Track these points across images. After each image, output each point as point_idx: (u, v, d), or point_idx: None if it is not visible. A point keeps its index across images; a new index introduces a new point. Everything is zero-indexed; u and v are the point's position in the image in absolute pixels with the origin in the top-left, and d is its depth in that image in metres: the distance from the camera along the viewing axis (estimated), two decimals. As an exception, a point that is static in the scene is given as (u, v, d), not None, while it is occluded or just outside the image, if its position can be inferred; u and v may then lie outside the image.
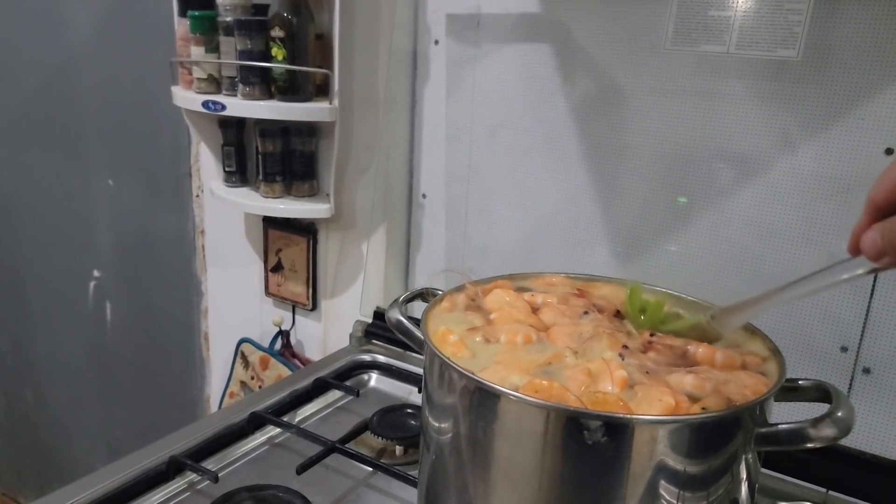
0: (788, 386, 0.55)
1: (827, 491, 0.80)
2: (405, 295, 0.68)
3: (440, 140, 1.11)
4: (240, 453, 0.85)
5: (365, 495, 0.79)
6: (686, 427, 0.48)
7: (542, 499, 0.51)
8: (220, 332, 1.49)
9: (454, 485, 0.56)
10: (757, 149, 0.84)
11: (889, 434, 0.80)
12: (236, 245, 1.38)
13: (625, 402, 0.48)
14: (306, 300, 1.28)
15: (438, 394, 0.57)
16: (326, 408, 0.97)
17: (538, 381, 0.50)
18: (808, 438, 0.49)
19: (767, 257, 0.85)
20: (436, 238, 1.15)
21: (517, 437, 0.51)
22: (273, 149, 1.17)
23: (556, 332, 0.59)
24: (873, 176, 0.77)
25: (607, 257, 0.98)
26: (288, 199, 1.20)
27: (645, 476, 0.49)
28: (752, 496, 0.55)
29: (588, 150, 0.97)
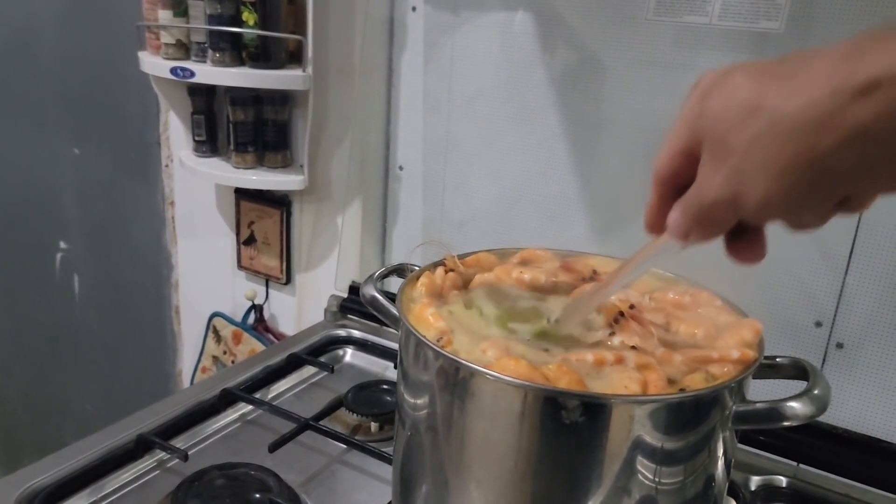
0: (766, 363, 0.55)
1: (798, 465, 0.80)
2: (380, 270, 0.67)
3: (417, 110, 1.08)
4: (211, 431, 0.83)
5: (339, 472, 0.78)
6: (664, 406, 0.47)
7: (519, 477, 0.51)
8: (192, 305, 1.46)
9: (429, 463, 0.55)
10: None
11: (860, 408, 0.81)
12: (207, 217, 1.35)
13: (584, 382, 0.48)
14: (280, 274, 1.25)
15: (414, 371, 0.55)
16: (300, 384, 0.96)
17: (507, 359, 0.49)
18: (785, 416, 0.48)
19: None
20: (413, 211, 1.13)
21: (492, 416, 0.50)
22: (244, 118, 1.14)
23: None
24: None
25: (586, 231, 0.97)
26: (260, 169, 1.17)
27: (622, 455, 0.48)
28: (727, 473, 0.55)
29: (567, 123, 0.95)
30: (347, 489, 0.76)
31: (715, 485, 0.54)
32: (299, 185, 1.13)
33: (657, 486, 0.50)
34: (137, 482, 0.75)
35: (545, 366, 0.49)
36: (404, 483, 0.60)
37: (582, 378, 0.48)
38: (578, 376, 0.48)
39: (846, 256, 0.79)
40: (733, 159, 0.36)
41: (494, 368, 0.49)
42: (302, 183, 1.13)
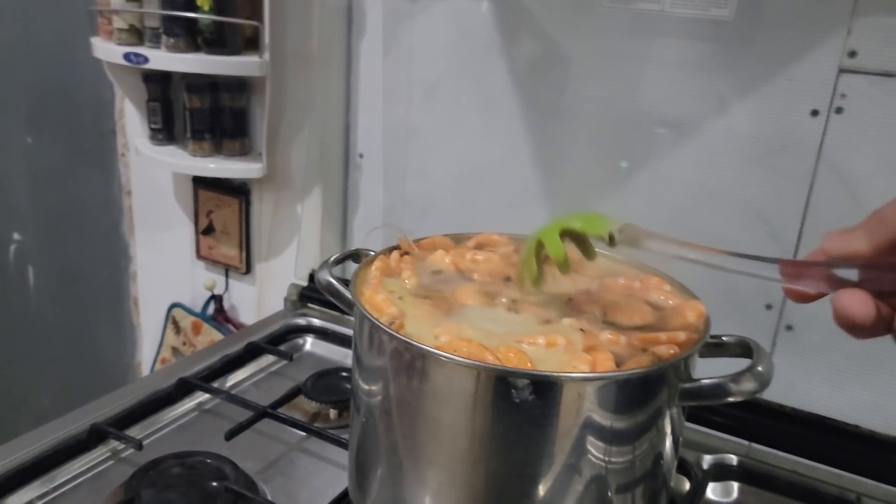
0: (712, 342, 0.56)
1: (750, 443, 0.82)
2: (336, 256, 0.67)
3: (377, 98, 1.08)
4: (167, 420, 0.82)
5: (298, 459, 0.78)
6: (612, 384, 0.48)
7: (472, 457, 0.51)
8: (151, 296, 1.44)
9: (384, 446, 0.56)
10: (693, 112, 0.84)
11: (808, 388, 0.83)
12: (165, 206, 1.33)
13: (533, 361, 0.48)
14: (239, 263, 1.24)
15: (368, 354, 0.56)
16: (259, 373, 0.95)
17: (458, 341, 0.49)
18: (729, 392, 0.50)
19: (702, 219, 0.86)
20: (373, 199, 1.13)
21: (445, 397, 0.50)
22: (201, 105, 1.12)
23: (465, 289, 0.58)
24: (800, 138, 0.79)
25: (546, 218, 0.98)
26: (218, 157, 1.15)
27: (572, 433, 0.49)
28: (676, 450, 0.56)
29: (527, 110, 0.96)
30: (306, 476, 0.76)
31: (664, 462, 0.55)
32: (258, 173, 1.12)
33: (607, 464, 0.51)
34: (90, 472, 0.74)
35: (495, 347, 0.49)
36: (360, 467, 0.60)
37: (532, 359, 0.49)
38: (528, 357, 0.48)
39: (795, 241, 0.82)
40: None
41: (446, 350, 0.49)
42: (261, 171, 1.12)
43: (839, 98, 0.76)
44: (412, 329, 0.53)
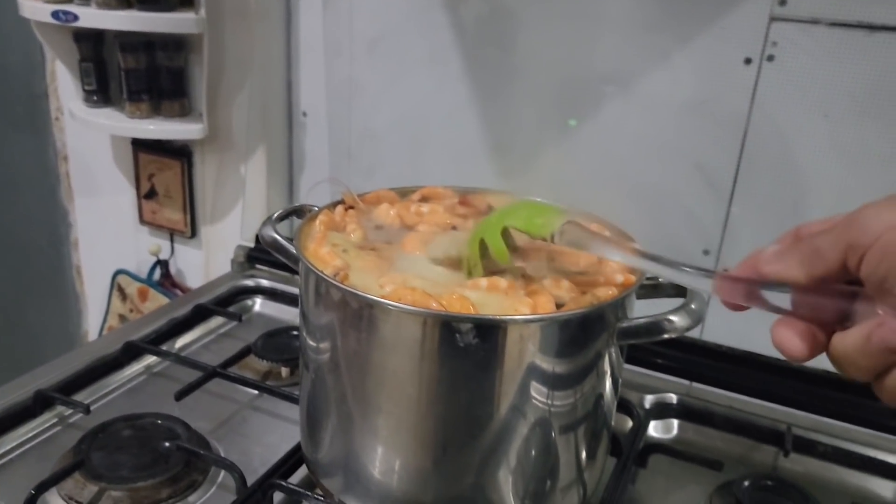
0: (649, 283, 0.58)
1: (691, 383, 0.86)
2: (279, 212, 0.66)
3: (318, 54, 1.06)
4: (114, 384, 0.82)
5: (250, 417, 0.79)
6: (552, 324, 0.50)
7: (420, 403, 0.52)
8: (94, 264, 1.41)
9: (333, 397, 0.56)
10: (638, 68, 0.85)
11: (743, 328, 0.86)
12: (104, 171, 1.29)
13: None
14: (184, 227, 1.22)
15: (314, 308, 0.56)
16: (208, 335, 0.94)
17: (403, 289, 0.50)
18: (664, 329, 0.52)
19: (644, 170, 0.88)
20: (319, 158, 1.12)
21: (391, 345, 0.51)
22: (137, 64, 1.09)
23: (412, 239, 0.59)
24: (734, 86, 0.81)
25: (493, 175, 0.99)
26: (157, 119, 1.13)
27: (516, 373, 0.50)
28: (615, 389, 0.58)
29: (473, 67, 0.96)
30: (259, 433, 0.76)
31: (604, 401, 0.57)
32: (199, 133, 1.10)
33: (550, 404, 0.53)
34: (38, 439, 0.73)
35: (439, 294, 0.50)
36: (310, 420, 0.61)
37: (475, 304, 0.50)
38: (471, 302, 0.50)
39: (730, 187, 0.84)
40: None
41: (391, 298, 0.50)
42: (202, 132, 1.10)
43: (771, 46, 0.78)
44: (357, 281, 0.53)
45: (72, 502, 0.64)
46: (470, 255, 0.56)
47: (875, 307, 0.34)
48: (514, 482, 0.54)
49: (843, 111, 0.76)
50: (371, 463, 0.56)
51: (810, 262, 0.37)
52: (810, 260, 0.37)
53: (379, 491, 0.56)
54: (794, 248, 0.38)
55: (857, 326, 0.35)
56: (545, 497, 0.57)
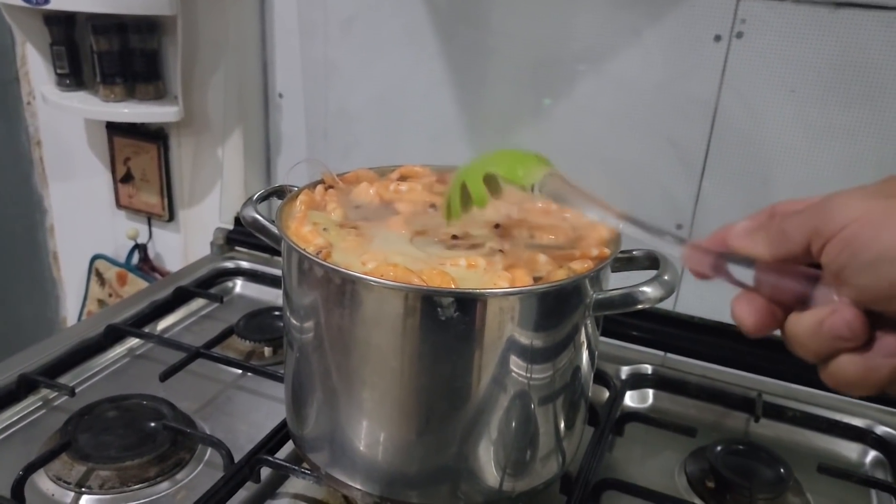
0: (624, 256, 0.60)
1: (665, 354, 0.88)
2: (259, 193, 0.67)
3: (294, 35, 1.06)
4: (98, 367, 0.82)
5: (235, 396, 0.80)
6: (530, 297, 0.51)
7: (403, 376, 0.54)
8: (71, 250, 1.40)
9: (318, 373, 0.58)
10: (610, 47, 0.86)
11: (715, 299, 0.89)
12: (79, 155, 1.28)
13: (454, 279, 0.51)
14: (162, 211, 1.22)
15: (297, 287, 0.57)
16: (190, 317, 0.95)
17: (385, 266, 0.51)
18: (638, 300, 0.53)
19: (617, 146, 0.90)
20: (296, 139, 1.12)
21: (374, 320, 0.52)
22: (110, 47, 1.08)
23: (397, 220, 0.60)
24: (704, 63, 0.83)
25: (469, 153, 0.99)
26: (132, 102, 1.12)
27: (496, 345, 0.52)
28: (592, 360, 0.60)
29: (447, 46, 0.96)
30: (244, 411, 0.77)
31: (581, 373, 0.59)
32: (174, 116, 1.09)
33: (529, 375, 0.55)
34: (23, 422, 0.73)
35: (420, 270, 0.51)
36: (296, 397, 0.62)
37: (455, 279, 0.51)
38: (451, 277, 0.51)
39: (701, 162, 0.86)
40: None
41: (374, 275, 0.51)
42: (177, 114, 1.09)
43: (739, 23, 0.80)
44: (340, 258, 0.54)
45: (60, 483, 0.65)
46: (451, 197, 0.56)
47: (832, 294, 0.35)
48: (496, 452, 0.56)
49: (809, 87, 0.79)
50: (356, 436, 0.57)
51: (776, 242, 0.37)
52: (777, 240, 0.37)
53: (364, 463, 0.57)
54: (764, 227, 0.39)
55: (813, 310, 0.35)
56: (525, 466, 0.59)
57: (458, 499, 0.57)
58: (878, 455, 0.75)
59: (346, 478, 0.59)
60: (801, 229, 0.36)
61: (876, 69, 0.75)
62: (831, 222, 0.34)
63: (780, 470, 0.69)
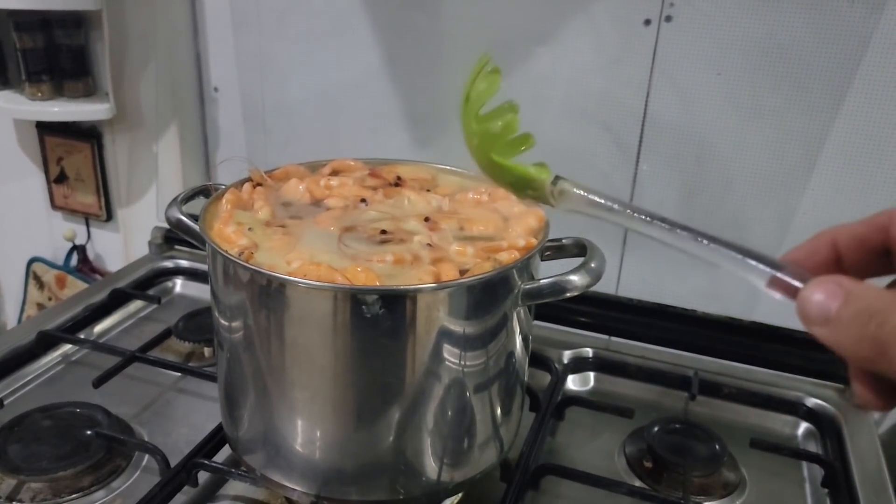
0: (553, 245, 0.60)
1: (609, 337, 0.89)
2: (184, 193, 0.65)
3: (226, 28, 1.04)
4: (30, 375, 0.80)
5: (175, 399, 0.78)
6: (457, 291, 0.51)
7: (334, 374, 0.53)
8: (6, 253, 1.35)
9: (249, 374, 0.57)
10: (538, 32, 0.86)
11: (655, 281, 0.91)
12: (10, 156, 1.24)
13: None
14: (99, 210, 1.19)
15: (223, 289, 0.56)
16: (128, 319, 0.93)
17: (309, 265, 0.50)
18: (565, 289, 0.54)
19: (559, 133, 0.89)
20: (234, 134, 1.10)
21: (299, 320, 0.52)
22: (34, 44, 1.05)
23: (325, 216, 0.59)
24: (635, 47, 0.83)
25: (407, 142, 0.99)
26: (61, 100, 1.08)
27: (424, 340, 0.52)
28: (526, 347, 0.61)
29: (382, 34, 0.95)
30: (183, 414, 0.76)
31: (515, 361, 0.59)
32: (106, 113, 1.06)
33: (462, 367, 0.55)
34: (-50, 437, 0.71)
35: (344, 268, 0.51)
36: (229, 399, 0.61)
37: (380, 276, 0.51)
38: (375, 274, 0.50)
39: (636, 146, 0.87)
40: None
41: (296, 275, 0.50)
42: (109, 111, 1.06)
43: (668, 6, 0.80)
44: (265, 259, 0.54)
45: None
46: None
47: None
48: (432, 443, 0.56)
49: (738, 69, 0.80)
50: (291, 436, 0.56)
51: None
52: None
53: (300, 463, 0.57)
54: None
55: None
56: (463, 455, 0.59)
57: (398, 492, 0.57)
58: (809, 426, 0.77)
59: (282, 478, 0.58)
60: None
61: (802, 50, 0.77)
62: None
63: (714, 447, 0.70)
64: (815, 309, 0.30)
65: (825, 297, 0.30)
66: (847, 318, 0.29)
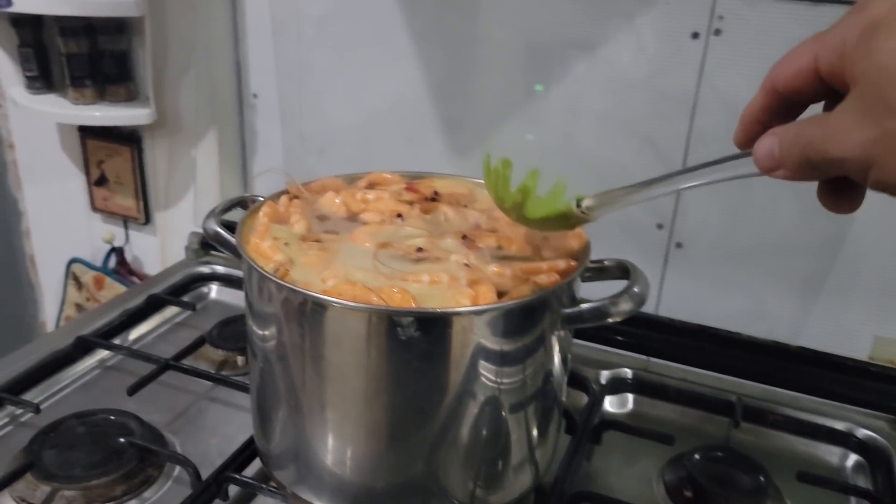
0: (595, 266, 0.58)
1: (648, 358, 0.87)
2: (222, 204, 0.65)
3: (267, 35, 1.04)
4: (67, 380, 0.80)
5: (207, 409, 0.78)
6: (495, 315, 0.50)
7: (366, 396, 0.52)
8: (48, 253, 1.37)
9: (282, 389, 0.56)
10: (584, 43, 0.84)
11: (698, 301, 0.88)
12: (52, 158, 1.26)
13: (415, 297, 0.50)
14: (138, 213, 1.20)
15: (258, 302, 0.55)
16: (163, 325, 0.93)
17: (344, 284, 0.49)
18: (608, 314, 0.52)
19: (598, 145, 0.88)
20: (272, 140, 1.10)
21: (332, 339, 0.51)
22: (78, 49, 1.06)
23: (361, 232, 0.58)
24: (683, 61, 0.81)
25: (445, 151, 0.98)
26: (103, 104, 1.10)
27: (460, 365, 0.50)
28: (565, 368, 0.59)
29: (420, 43, 0.94)
30: (216, 423, 0.76)
31: (553, 380, 0.58)
32: (147, 118, 1.07)
33: (499, 388, 0.53)
34: (-11, 440, 0.72)
35: (379, 288, 0.50)
36: (261, 412, 0.61)
37: (416, 297, 0.50)
38: (411, 295, 0.49)
39: (681, 161, 0.84)
40: (893, 122, 0.31)
41: (331, 294, 0.49)
42: (149, 116, 1.07)
43: (717, 20, 0.78)
44: (300, 275, 0.53)
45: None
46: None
47: None
48: (466, 466, 0.55)
49: (789, 84, 0.77)
50: (322, 454, 0.56)
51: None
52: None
53: (331, 481, 0.56)
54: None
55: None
56: (497, 479, 0.57)
57: (429, 515, 0.56)
58: (858, 459, 0.74)
59: (312, 497, 0.57)
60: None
61: (856, 65, 0.74)
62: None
63: (759, 477, 0.67)
64: (764, 160, 0.37)
65: (766, 148, 0.37)
66: (785, 150, 0.36)
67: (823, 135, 0.34)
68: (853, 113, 0.33)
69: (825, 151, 0.34)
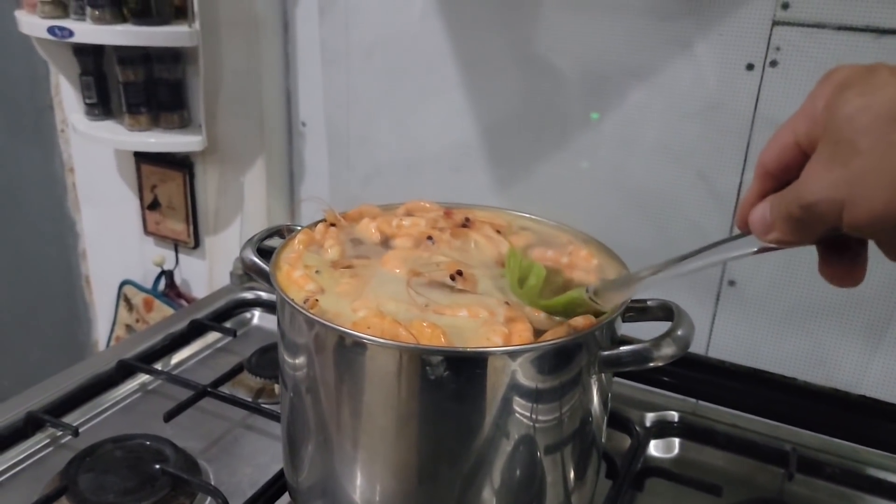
0: (637, 307, 0.56)
1: (697, 401, 0.83)
2: (259, 233, 0.65)
3: (316, 64, 1.05)
4: (107, 403, 0.81)
5: (242, 437, 0.78)
6: (529, 355, 0.48)
7: (394, 433, 0.51)
8: (102, 274, 1.41)
9: (311, 421, 0.55)
10: (636, 73, 0.82)
11: (751, 342, 0.84)
12: (109, 182, 1.30)
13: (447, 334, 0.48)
14: (188, 237, 1.22)
15: (289, 332, 0.55)
16: (205, 350, 0.94)
17: (373, 317, 0.48)
18: (649, 358, 0.49)
19: (648, 177, 0.85)
20: (319, 168, 1.11)
21: (359, 373, 0.49)
22: (135, 77, 1.09)
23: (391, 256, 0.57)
24: (737, 92, 0.78)
25: (490, 183, 0.97)
26: (157, 131, 1.12)
27: (491, 405, 0.49)
28: (604, 408, 0.56)
29: (468, 71, 0.94)
30: (250, 453, 0.75)
31: (592, 420, 0.55)
32: (199, 145, 1.09)
33: (534, 429, 0.51)
34: (28, 461, 0.72)
35: (409, 322, 0.48)
36: (291, 444, 0.60)
37: (446, 331, 0.48)
38: (441, 330, 0.48)
39: (734, 198, 0.81)
40: (858, 162, 0.32)
41: (359, 327, 0.48)
42: (201, 143, 1.09)
43: (773, 51, 0.75)
44: (331, 305, 0.52)
45: (56, 528, 0.63)
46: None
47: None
48: (498, 510, 0.53)
49: (850, 117, 0.73)
50: (350, 491, 0.54)
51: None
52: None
53: (358, 520, 0.54)
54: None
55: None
56: (531, 525, 0.55)
57: (458, 559, 0.53)
58: (925, 519, 0.68)
59: (339, 535, 0.56)
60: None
61: (923, 99, 0.70)
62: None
63: (814, 536, 0.63)
64: (758, 223, 0.39)
65: (759, 213, 0.39)
66: (774, 211, 0.38)
67: (798, 185, 0.36)
68: (822, 159, 0.35)
69: (800, 198, 0.35)
